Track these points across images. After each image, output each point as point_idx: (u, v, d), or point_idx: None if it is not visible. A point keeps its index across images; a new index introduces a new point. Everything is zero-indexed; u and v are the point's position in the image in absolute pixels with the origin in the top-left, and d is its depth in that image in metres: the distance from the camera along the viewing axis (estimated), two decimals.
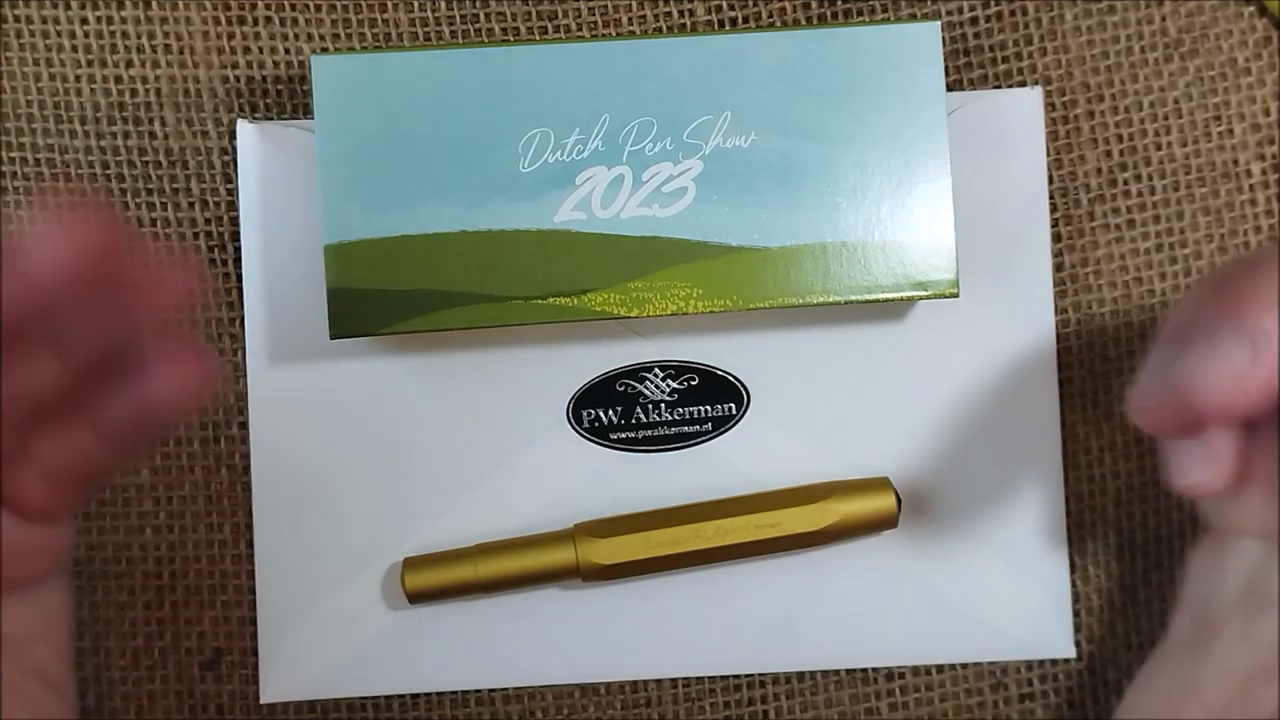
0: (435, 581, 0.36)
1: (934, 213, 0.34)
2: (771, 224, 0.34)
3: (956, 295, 0.34)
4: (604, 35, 0.38)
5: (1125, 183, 0.38)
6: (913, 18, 0.38)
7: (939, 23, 0.34)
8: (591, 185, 0.34)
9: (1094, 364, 0.38)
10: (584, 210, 0.34)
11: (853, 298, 0.34)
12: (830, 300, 0.34)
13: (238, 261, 0.38)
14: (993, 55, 0.38)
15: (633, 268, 0.34)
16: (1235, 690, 0.30)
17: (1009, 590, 0.38)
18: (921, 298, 0.34)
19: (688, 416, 0.38)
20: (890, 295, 0.34)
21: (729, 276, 0.34)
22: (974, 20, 0.38)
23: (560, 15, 0.39)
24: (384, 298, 0.34)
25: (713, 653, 0.38)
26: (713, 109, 0.34)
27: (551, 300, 0.34)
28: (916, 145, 0.34)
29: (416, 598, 0.36)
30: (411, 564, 0.37)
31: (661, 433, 0.38)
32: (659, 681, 0.38)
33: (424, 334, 0.35)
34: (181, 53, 0.38)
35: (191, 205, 0.38)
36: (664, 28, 0.38)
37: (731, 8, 0.38)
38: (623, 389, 0.38)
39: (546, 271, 0.34)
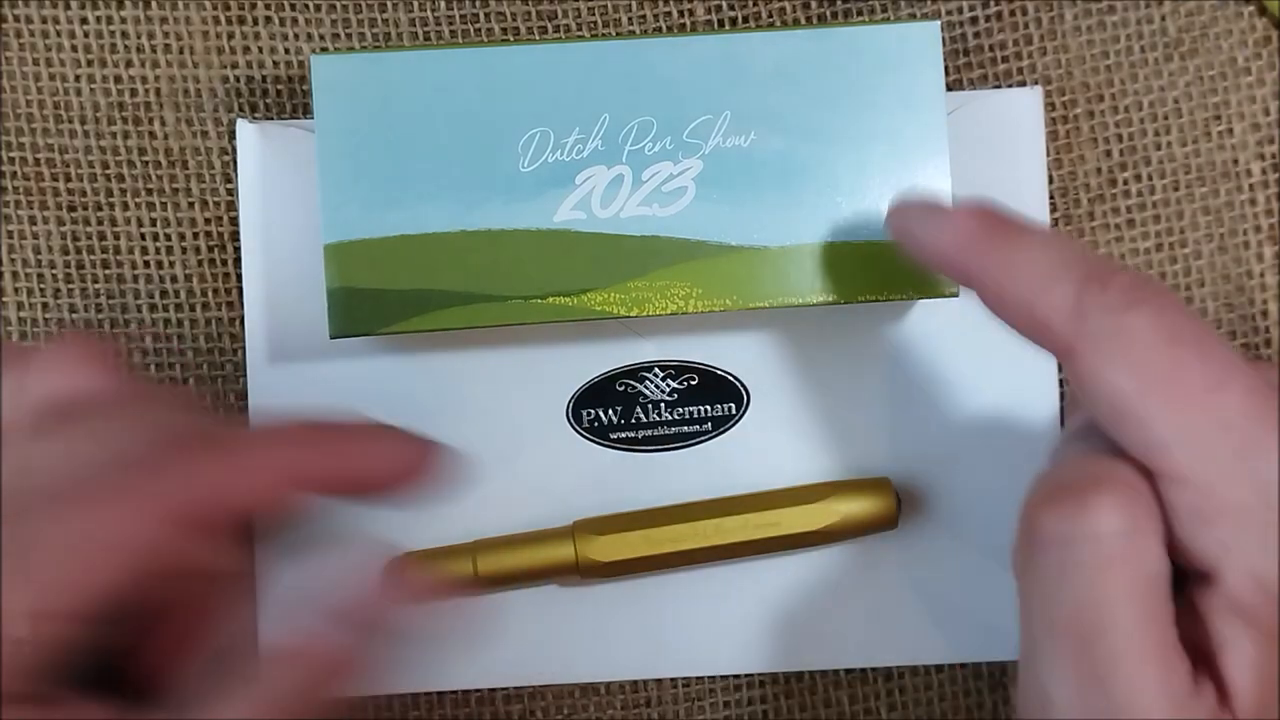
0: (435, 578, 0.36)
1: None
2: (771, 223, 0.34)
3: (956, 295, 0.34)
4: (604, 35, 0.38)
5: (1125, 183, 0.38)
6: (913, 18, 0.38)
7: (939, 23, 0.34)
8: (591, 185, 0.34)
9: None
10: (584, 210, 0.34)
11: (853, 298, 0.34)
12: (830, 300, 0.34)
13: (238, 261, 0.38)
14: (993, 55, 0.38)
15: (632, 267, 0.34)
16: None
17: (1009, 590, 0.38)
18: (921, 298, 0.34)
19: (687, 416, 0.38)
20: (890, 295, 0.34)
21: (729, 276, 0.34)
22: (974, 20, 0.38)
23: (560, 15, 0.39)
24: (384, 298, 0.34)
25: (713, 653, 0.38)
26: (712, 109, 0.34)
27: (551, 300, 0.34)
28: (916, 145, 0.34)
29: None
30: (411, 561, 0.37)
31: (661, 433, 0.38)
32: (659, 681, 0.38)
33: (424, 334, 0.35)
34: (181, 53, 0.38)
35: (191, 205, 0.38)
36: (664, 28, 0.38)
37: (731, 8, 0.38)
38: (623, 389, 0.38)
39: (546, 271, 0.34)
